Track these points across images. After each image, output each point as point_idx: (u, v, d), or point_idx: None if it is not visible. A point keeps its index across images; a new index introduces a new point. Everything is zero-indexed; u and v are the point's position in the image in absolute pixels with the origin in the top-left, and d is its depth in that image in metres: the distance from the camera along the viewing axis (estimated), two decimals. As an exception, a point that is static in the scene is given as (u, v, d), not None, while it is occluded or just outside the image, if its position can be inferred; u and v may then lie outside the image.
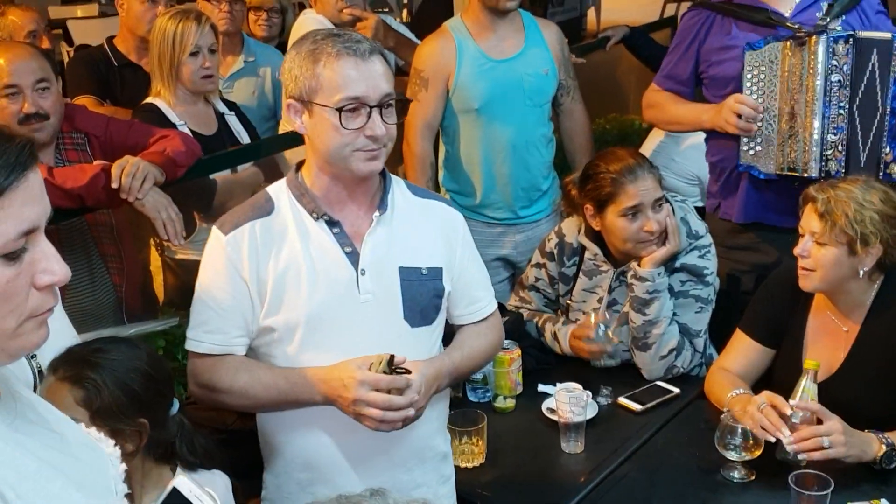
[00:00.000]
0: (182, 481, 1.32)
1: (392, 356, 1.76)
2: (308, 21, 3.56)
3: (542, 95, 3.13)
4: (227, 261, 1.84)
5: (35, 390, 1.62)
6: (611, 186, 2.46)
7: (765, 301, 2.38)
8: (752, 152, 2.69)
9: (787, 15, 2.68)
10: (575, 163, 3.30)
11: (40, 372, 1.66)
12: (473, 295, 2.03)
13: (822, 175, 2.59)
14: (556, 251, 2.72)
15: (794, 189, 2.60)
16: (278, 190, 1.91)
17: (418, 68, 3.09)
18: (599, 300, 2.65)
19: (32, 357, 1.64)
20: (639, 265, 2.51)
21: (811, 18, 2.64)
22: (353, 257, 1.85)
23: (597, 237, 2.62)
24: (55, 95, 2.53)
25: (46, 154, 2.54)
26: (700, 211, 2.84)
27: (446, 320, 2.04)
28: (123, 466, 1.24)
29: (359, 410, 1.75)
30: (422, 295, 1.91)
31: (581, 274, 2.68)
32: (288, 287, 1.83)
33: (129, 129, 2.70)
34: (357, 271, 1.85)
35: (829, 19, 2.61)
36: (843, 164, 2.59)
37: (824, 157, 2.61)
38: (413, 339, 1.90)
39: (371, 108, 1.75)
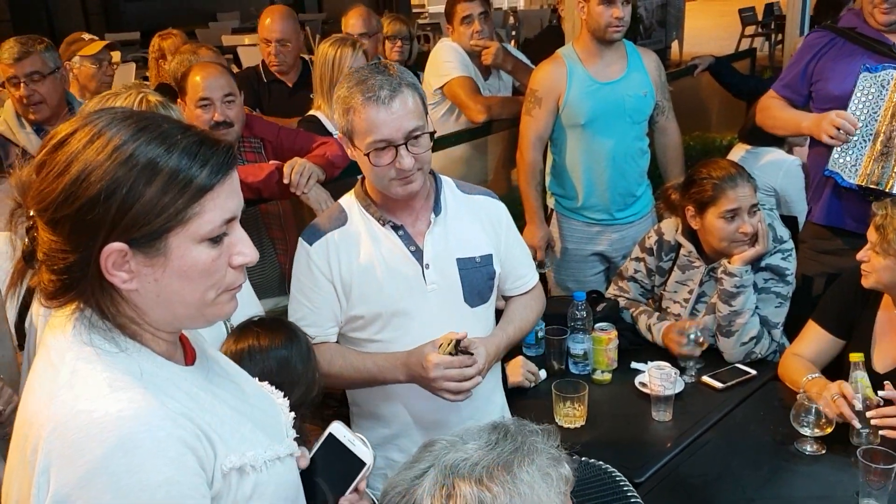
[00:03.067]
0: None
1: (458, 340, 1.81)
2: (444, 48, 3.59)
3: (641, 114, 3.13)
4: (314, 266, 1.91)
5: None
6: (713, 191, 2.46)
7: (838, 296, 2.35)
8: (841, 160, 2.64)
9: None
10: (667, 173, 3.29)
11: None
12: (518, 272, 2.09)
13: None
14: (655, 247, 2.72)
15: (869, 201, 2.54)
16: (350, 202, 1.96)
17: (533, 88, 3.11)
18: (690, 292, 2.64)
19: (227, 322, 1.72)
20: (729, 262, 2.49)
21: None
22: (418, 255, 1.91)
23: (691, 237, 2.61)
24: (238, 107, 2.66)
25: None
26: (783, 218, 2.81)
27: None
28: (292, 414, 1.27)
29: (438, 387, 1.83)
30: (478, 279, 1.96)
31: (675, 268, 2.68)
32: (367, 284, 1.90)
33: (296, 135, 2.79)
34: (422, 266, 1.91)
35: None
36: None
37: None
38: (473, 318, 1.96)
39: (397, 146, 1.77)
